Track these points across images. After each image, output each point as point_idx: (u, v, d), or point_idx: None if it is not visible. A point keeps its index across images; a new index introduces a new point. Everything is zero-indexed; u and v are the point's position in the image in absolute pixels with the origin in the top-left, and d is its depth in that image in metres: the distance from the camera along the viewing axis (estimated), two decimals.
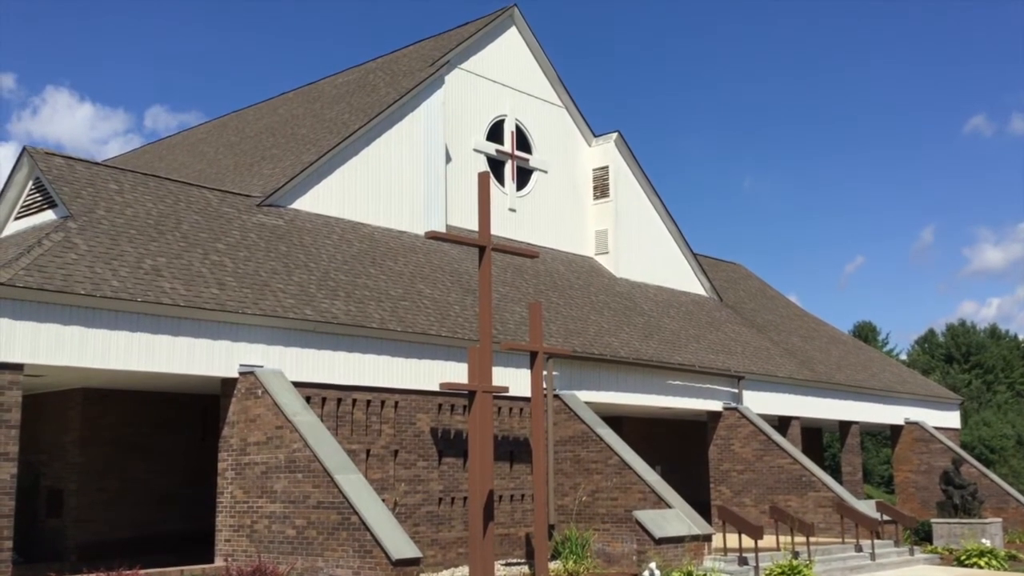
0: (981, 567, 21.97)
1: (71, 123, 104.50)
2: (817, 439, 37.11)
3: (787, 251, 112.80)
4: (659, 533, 18.37)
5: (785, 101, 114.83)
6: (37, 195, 17.47)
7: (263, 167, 23.45)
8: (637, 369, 23.30)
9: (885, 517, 23.64)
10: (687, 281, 31.65)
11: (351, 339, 17.54)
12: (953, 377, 61.35)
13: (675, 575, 17.27)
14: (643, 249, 30.04)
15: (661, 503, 19.18)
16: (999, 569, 21.90)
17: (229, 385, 16.36)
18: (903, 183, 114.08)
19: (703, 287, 32.27)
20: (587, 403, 21.42)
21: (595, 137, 29.77)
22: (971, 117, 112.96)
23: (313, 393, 16.79)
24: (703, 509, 22.91)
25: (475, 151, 25.82)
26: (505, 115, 27.00)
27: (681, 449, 29.42)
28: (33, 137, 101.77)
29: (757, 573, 18.47)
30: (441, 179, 23.98)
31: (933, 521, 25.99)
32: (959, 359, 65.95)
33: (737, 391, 26.09)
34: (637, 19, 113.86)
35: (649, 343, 24.76)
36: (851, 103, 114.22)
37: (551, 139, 28.52)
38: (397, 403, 18.11)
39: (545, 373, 19.30)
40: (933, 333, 69.61)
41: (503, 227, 25.10)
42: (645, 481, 19.49)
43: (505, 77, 27.14)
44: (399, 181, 23.09)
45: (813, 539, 20.76)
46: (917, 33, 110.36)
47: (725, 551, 19.35)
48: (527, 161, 27.54)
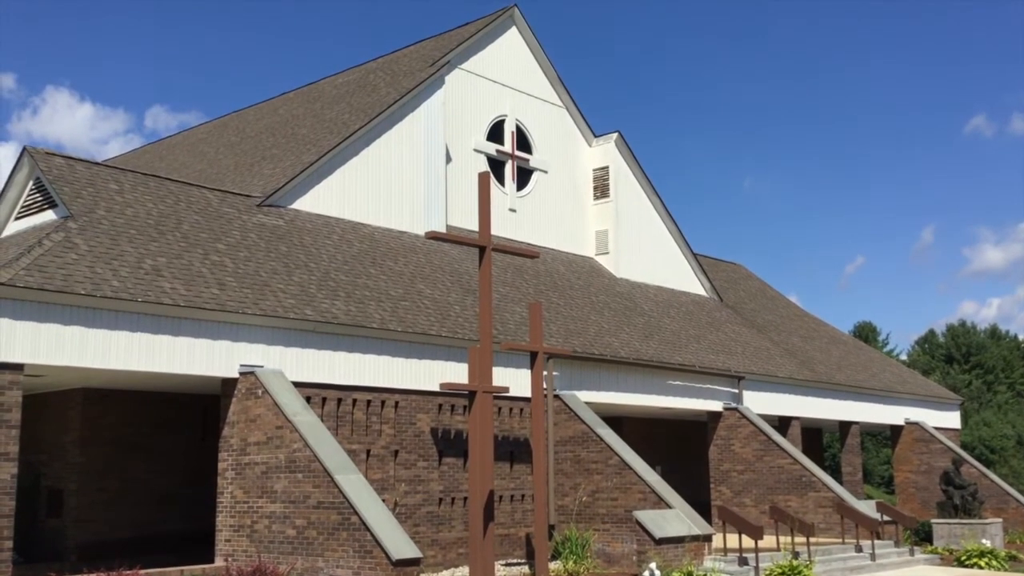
0: (981, 567, 21.96)
1: (71, 123, 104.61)
2: (817, 439, 37.11)
3: (787, 251, 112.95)
4: (659, 533, 18.37)
5: (785, 101, 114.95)
6: (37, 195, 17.47)
7: (263, 167, 23.46)
8: (637, 369, 23.31)
9: (885, 517, 23.64)
10: (687, 281, 31.66)
11: (351, 339, 17.55)
12: (953, 377, 61.36)
13: (675, 575, 17.27)
14: (643, 249, 30.05)
15: (661, 503, 19.19)
16: (999, 569, 21.89)
17: (229, 385, 16.37)
18: (903, 183, 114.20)
19: (703, 287, 32.27)
20: (587, 403, 21.42)
21: (595, 137, 29.77)
22: (971, 117, 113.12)
23: (313, 393, 16.79)
24: (703, 509, 22.91)
25: (475, 151, 25.82)
26: (505, 115, 27.00)
27: (681, 449, 29.43)
28: (33, 137, 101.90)
29: (757, 573, 18.47)
30: (441, 179, 23.99)
31: (933, 521, 25.99)
32: (959, 359, 65.95)
33: (737, 391, 26.09)
34: (637, 19, 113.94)
35: (649, 343, 24.77)
36: (851, 103, 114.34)
37: (551, 139, 28.53)
38: (397, 403, 18.11)
39: (545, 373, 19.31)
40: (933, 333, 69.66)
41: (503, 227, 25.11)
42: (645, 481, 19.50)
43: (505, 77, 27.14)
44: (399, 181, 23.10)
45: (813, 539, 20.76)
46: (917, 33, 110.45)
47: (725, 551, 19.35)
48: (527, 161, 27.55)
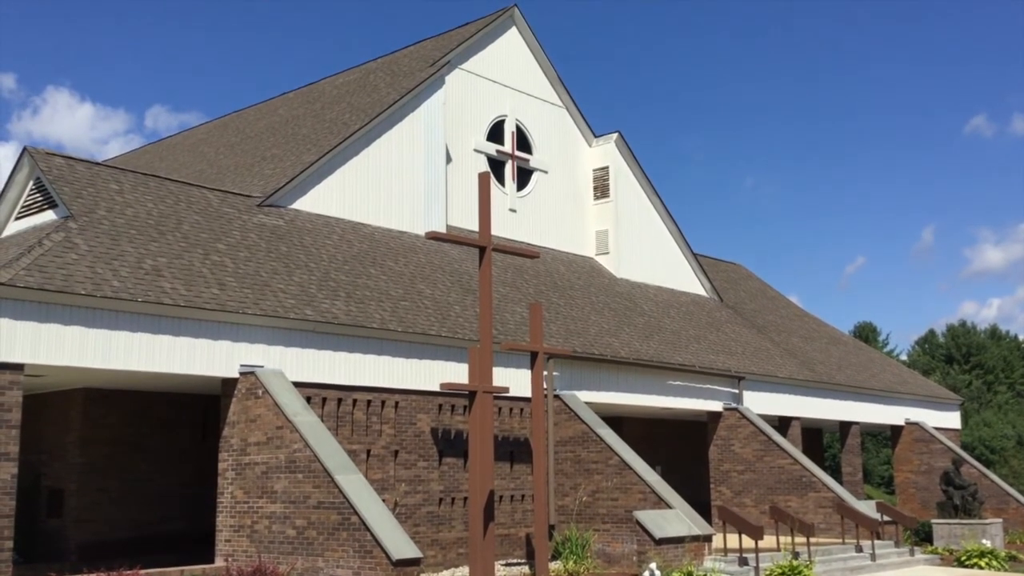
0: (981, 568, 21.96)
1: (71, 123, 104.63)
2: (817, 439, 37.11)
3: (788, 251, 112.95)
4: (659, 533, 18.37)
5: (785, 101, 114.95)
6: (38, 195, 17.47)
7: (264, 167, 23.46)
8: (637, 369, 23.31)
9: (885, 518, 23.63)
10: (687, 281, 31.66)
11: (351, 339, 17.55)
12: (953, 378, 61.34)
13: (675, 575, 17.27)
14: (643, 249, 30.05)
15: (661, 503, 19.18)
16: (999, 570, 21.88)
17: (230, 385, 16.38)
18: (904, 183, 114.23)
19: (703, 287, 32.27)
20: (587, 403, 21.42)
21: (595, 137, 29.78)
22: (972, 117, 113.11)
23: (313, 393, 16.80)
24: (703, 509, 22.92)
25: (475, 151, 25.82)
26: (505, 115, 27.01)
27: (681, 449, 29.43)
28: (34, 137, 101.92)
29: (757, 573, 18.46)
30: (441, 179, 23.99)
31: (933, 522, 25.99)
32: (959, 359, 65.94)
33: (737, 391, 26.09)
34: (637, 19, 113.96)
35: (649, 343, 24.77)
36: (852, 103, 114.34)
37: (551, 139, 28.53)
38: (397, 403, 18.12)
39: (545, 373, 19.31)
40: (933, 334, 69.64)
41: (503, 227, 25.12)
42: (645, 481, 19.50)
43: (505, 77, 27.14)
44: (399, 181, 23.10)
45: (813, 539, 20.76)
46: (918, 33, 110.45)
47: (725, 551, 19.35)
48: (527, 161, 27.55)
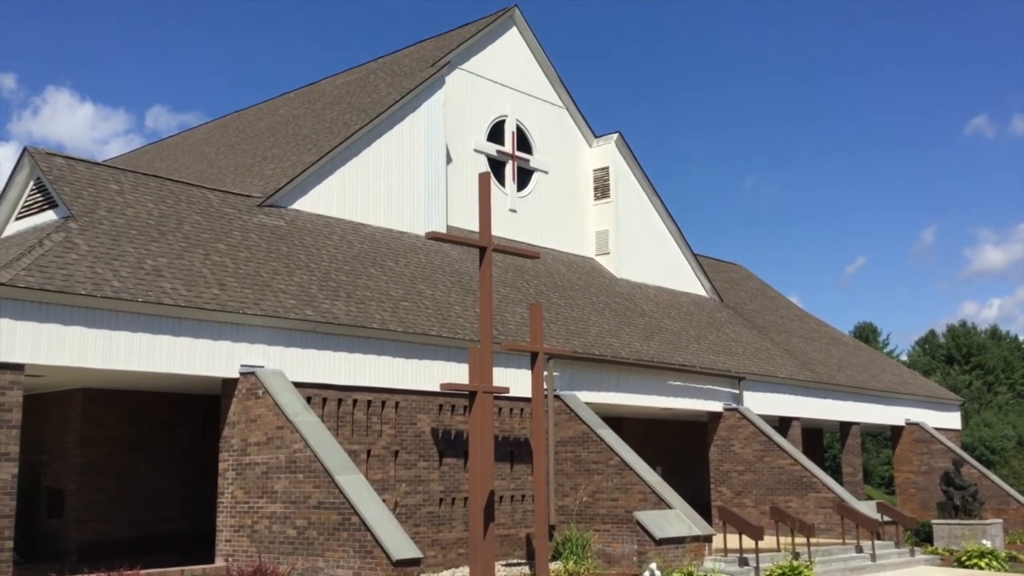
0: (982, 568, 21.96)
1: (72, 123, 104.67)
2: (818, 440, 37.10)
3: (788, 252, 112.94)
4: (660, 534, 18.37)
5: (786, 101, 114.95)
6: (38, 195, 17.47)
7: (264, 167, 23.46)
8: (638, 370, 23.31)
9: (885, 518, 23.63)
10: (688, 282, 31.66)
11: (352, 339, 17.55)
12: (954, 378, 61.33)
13: (675, 575, 17.27)
14: (644, 250, 30.05)
15: (662, 504, 19.18)
16: (999, 570, 21.88)
17: (230, 385, 16.37)
18: (904, 184, 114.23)
19: (704, 288, 32.27)
20: (588, 404, 21.42)
21: (596, 138, 29.78)
22: (972, 118, 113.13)
23: (314, 393, 16.79)
24: (704, 510, 22.92)
25: (476, 151, 25.82)
26: (506, 116, 27.00)
27: (682, 450, 29.42)
28: (34, 137, 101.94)
29: (757, 574, 18.46)
30: (442, 179, 23.98)
31: (934, 522, 25.98)
32: (960, 360, 65.93)
33: (738, 392, 26.09)
34: (637, 20, 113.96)
35: (650, 344, 24.76)
36: (852, 103, 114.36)
37: (552, 140, 28.53)
38: (398, 403, 18.11)
39: (546, 374, 19.31)
40: (934, 334, 69.64)
41: (504, 228, 25.11)
42: (646, 482, 19.49)
43: (506, 78, 27.14)
44: (400, 181, 23.10)
45: (813, 540, 20.76)
46: (918, 33, 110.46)
47: (726, 552, 19.35)
48: (528, 162, 27.55)
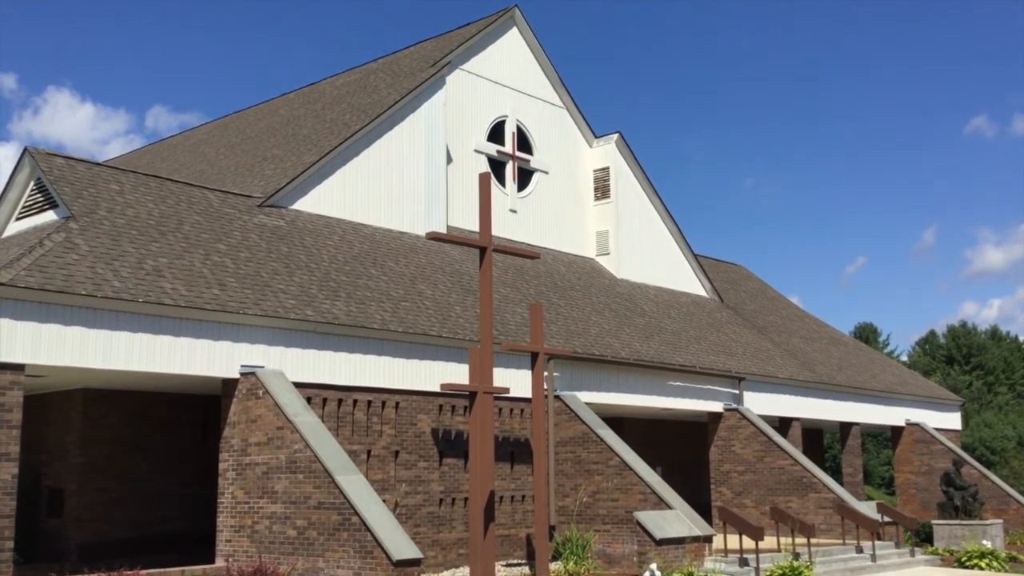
0: (982, 568, 21.96)
1: (72, 123, 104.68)
2: (818, 440, 37.09)
3: (788, 252, 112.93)
4: (660, 534, 18.37)
5: (786, 101, 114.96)
6: (38, 195, 17.47)
7: (264, 168, 23.47)
8: (638, 370, 23.31)
9: (886, 518, 23.63)
10: (688, 282, 31.66)
11: (352, 340, 17.55)
12: (954, 378, 61.33)
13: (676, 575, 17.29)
14: (644, 250, 30.05)
15: (662, 504, 19.18)
16: (1000, 570, 21.88)
17: (230, 386, 16.37)
18: (904, 184, 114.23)
19: (704, 288, 32.27)
20: (588, 404, 21.42)
21: (596, 138, 29.78)
22: (973, 118, 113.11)
23: (314, 394, 16.79)
24: (704, 510, 22.92)
25: (476, 152, 25.83)
26: (506, 116, 27.01)
27: (682, 450, 29.41)
28: (34, 137, 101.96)
29: (758, 574, 18.46)
30: (442, 180, 23.99)
31: (934, 522, 25.98)
32: (960, 360, 65.92)
33: (738, 392, 26.09)
34: (638, 20, 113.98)
35: (650, 344, 24.76)
36: (852, 103, 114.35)
37: (552, 140, 28.53)
38: (398, 404, 18.12)
39: (546, 374, 19.31)
40: (934, 334, 69.63)
41: (504, 228, 25.12)
42: (646, 482, 19.49)
43: (506, 78, 27.14)
44: (400, 182, 23.10)
45: (814, 540, 20.76)
46: (918, 33, 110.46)
47: (726, 552, 19.35)
48: (528, 162, 27.55)
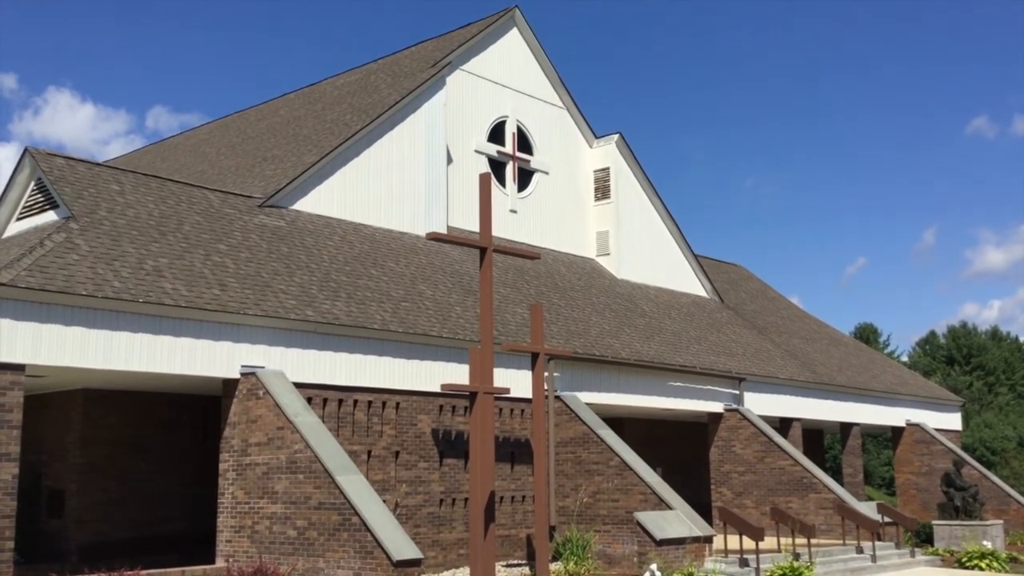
0: (982, 569, 21.95)
1: (73, 124, 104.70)
2: (818, 441, 37.09)
3: (788, 252, 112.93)
4: (660, 534, 18.36)
5: (786, 102, 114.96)
6: (39, 196, 17.47)
7: (265, 168, 23.47)
8: (638, 370, 23.30)
9: (886, 519, 23.63)
10: (688, 283, 31.66)
11: (352, 340, 17.55)
12: (954, 379, 61.32)
13: None
14: (644, 250, 30.05)
15: (662, 504, 19.18)
16: (1000, 571, 21.87)
17: (230, 386, 16.37)
18: (905, 184, 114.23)
19: (704, 289, 32.27)
20: (588, 404, 21.41)
21: (596, 138, 29.78)
22: (973, 118, 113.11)
23: (314, 394, 16.79)
24: (704, 510, 22.92)
25: (476, 152, 25.83)
26: (506, 116, 27.01)
27: (682, 450, 29.42)
28: (35, 138, 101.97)
29: (758, 574, 18.46)
30: (442, 180, 23.99)
31: (934, 523, 25.97)
32: (960, 361, 65.92)
33: (738, 392, 26.08)
34: (638, 20, 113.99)
35: (650, 344, 24.76)
36: (852, 103, 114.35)
37: (552, 140, 28.53)
38: (398, 404, 18.12)
39: (546, 374, 19.31)
40: (934, 335, 69.64)
41: (504, 228, 25.12)
42: (646, 482, 19.49)
43: (506, 78, 27.15)
44: (400, 182, 23.11)
45: (814, 541, 20.76)
46: (918, 33, 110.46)
47: (726, 552, 19.34)
48: (528, 162, 27.56)
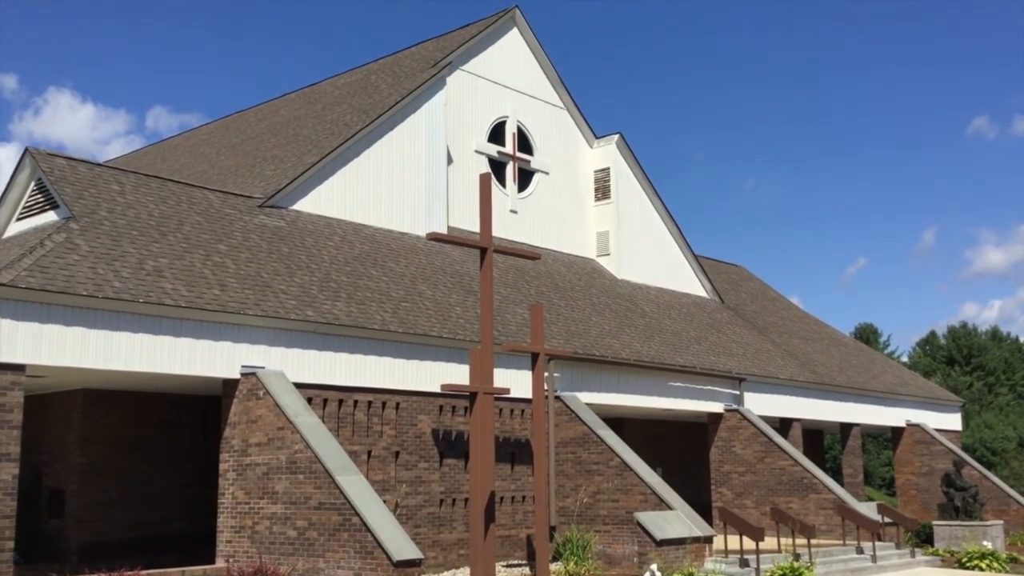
0: (982, 569, 21.95)
1: (73, 124, 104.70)
2: (818, 441, 37.08)
3: (788, 252, 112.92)
4: (660, 535, 18.37)
5: (786, 102, 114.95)
6: (39, 196, 17.48)
7: (265, 168, 23.47)
8: (638, 371, 23.31)
9: (886, 519, 23.62)
10: (688, 283, 31.66)
11: (352, 340, 17.56)
12: (954, 379, 61.31)
13: None
14: (644, 251, 30.05)
15: (662, 505, 19.18)
16: (1000, 571, 21.87)
17: (231, 386, 16.37)
18: (905, 184, 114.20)
19: (704, 289, 32.27)
20: (588, 405, 21.41)
21: (596, 139, 29.79)
22: (974, 118, 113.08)
23: (314, 394, 16.80)
24: (704, 511, 22.92)
25: (477, 152, 25.84)
26: (507, 116, 27.01)
27: (682, 451, 29.42)
28: (35, 138, 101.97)
29: (758, 575, 18.46)
30: (443, 180, 23.99)
31: (934, 523, 25.97)
32: (960, 361, 65.91)
33: (738, 393, 26.09)
34: (638, 20, 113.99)
35: (650, 345, 24.77)
36: (853, 104, 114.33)
37: (552, 141, 28.53)
38: (398, 404, 18.12)
39: (546, 375, 19.31)
40: (934, 335, 69.62)
41: (504, 229, 25.12)
42: (646, 483, 19.49)
43: (507, 79, 27.15)
44: (401, 182, 23.11)
45: (814, 541, 20.76)
46: (919, 34, 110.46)
47: (726, 553, 19.34)
48: (528, 163, 27.56)
